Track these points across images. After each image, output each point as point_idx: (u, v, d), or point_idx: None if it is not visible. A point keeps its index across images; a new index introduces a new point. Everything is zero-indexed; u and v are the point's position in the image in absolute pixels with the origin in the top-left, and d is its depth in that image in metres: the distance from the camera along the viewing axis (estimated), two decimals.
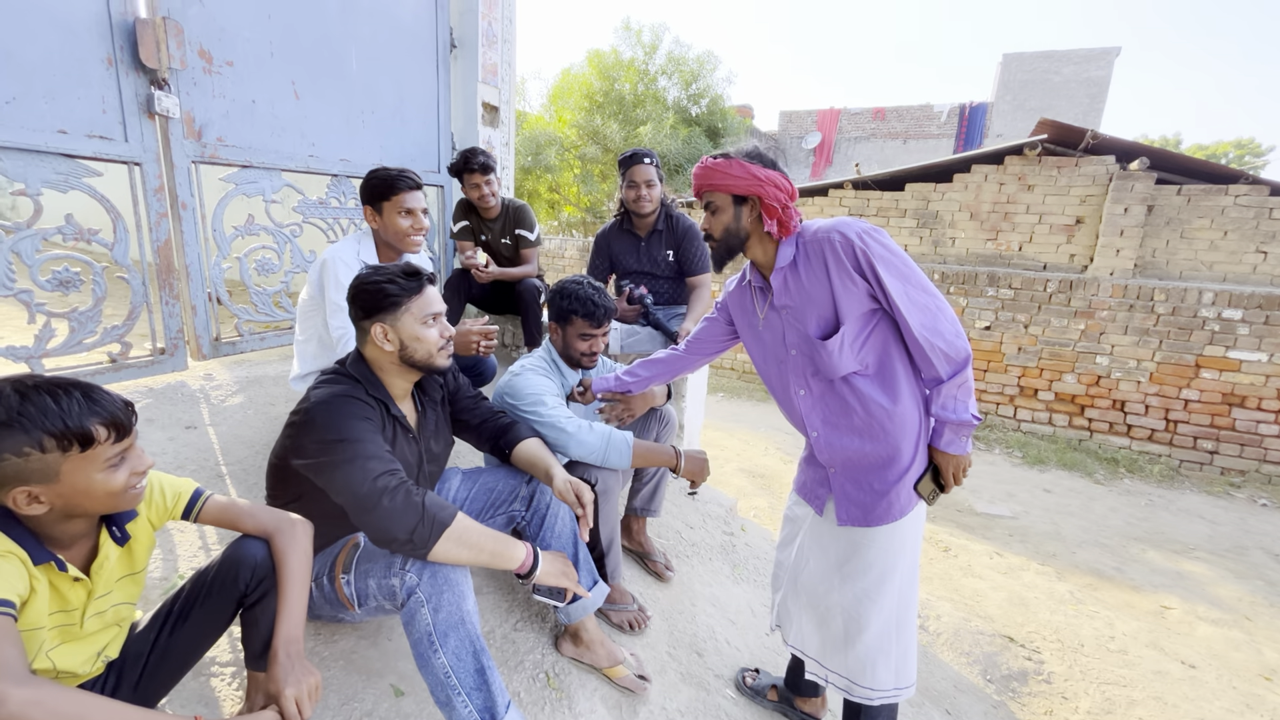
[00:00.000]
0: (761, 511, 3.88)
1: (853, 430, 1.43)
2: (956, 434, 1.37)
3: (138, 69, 2.04)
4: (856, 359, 1.40)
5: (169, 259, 2.23)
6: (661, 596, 2.10)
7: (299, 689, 1.01)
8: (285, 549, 1.15)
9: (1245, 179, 5.52)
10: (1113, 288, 5.58)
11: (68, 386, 0.91)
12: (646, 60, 10.36)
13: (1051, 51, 17.18)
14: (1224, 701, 2.43)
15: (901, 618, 1.51)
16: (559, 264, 9.15)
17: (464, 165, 2.71)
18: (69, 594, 0.98)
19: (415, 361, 1.36)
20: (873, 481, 1.44)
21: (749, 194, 1.40)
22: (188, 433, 2.10)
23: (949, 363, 1.33)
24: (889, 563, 1.47)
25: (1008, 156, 6.29)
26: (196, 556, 1.65)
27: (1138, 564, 3.74)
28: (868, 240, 1.32)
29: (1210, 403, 5.32)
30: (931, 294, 1.34)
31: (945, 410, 1.36)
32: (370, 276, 1.34)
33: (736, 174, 1.39)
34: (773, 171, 1.40)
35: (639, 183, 2.50)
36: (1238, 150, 23.98)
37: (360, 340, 1.37)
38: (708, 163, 1.42)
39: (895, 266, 1.32)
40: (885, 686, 1.51)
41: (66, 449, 0.89)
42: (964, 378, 1.34)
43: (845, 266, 1.34)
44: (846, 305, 1.36)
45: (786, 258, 1.43)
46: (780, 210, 1.40)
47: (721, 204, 1.44)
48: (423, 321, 1.35)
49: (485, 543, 1.26)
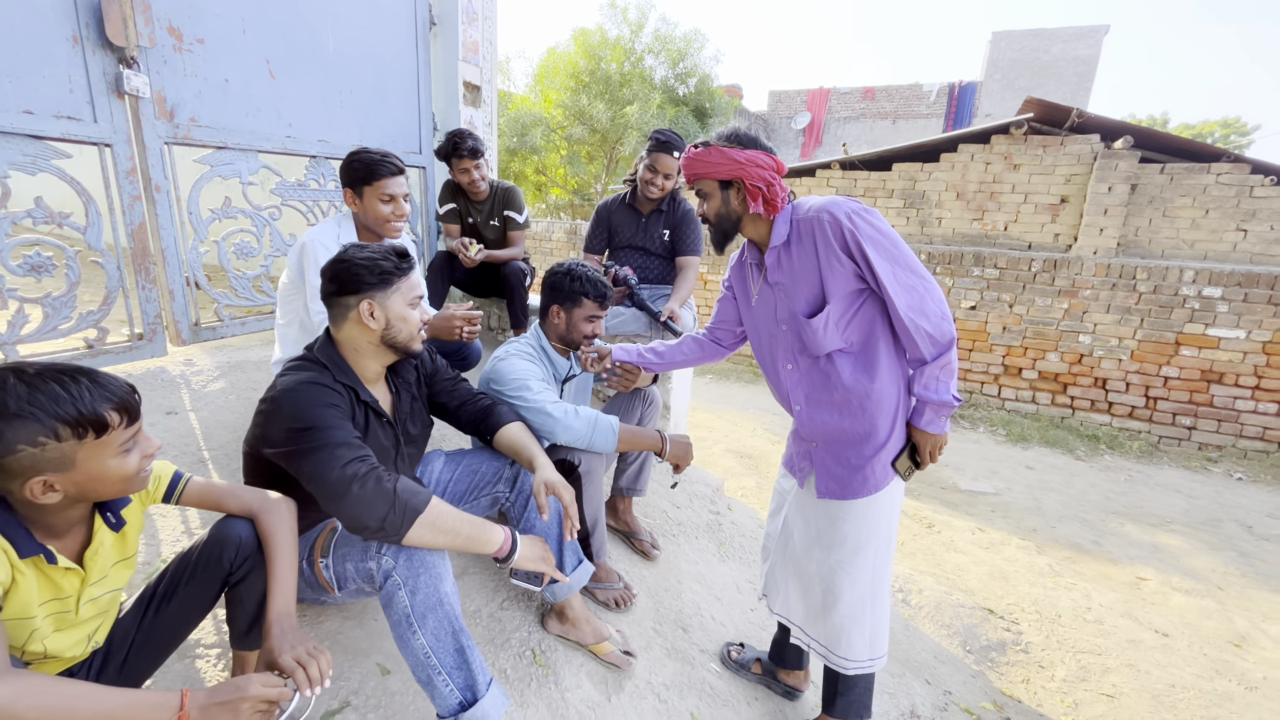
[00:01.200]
0: (748, 491, 3.92)
1: (832, 406, 1.46)
2: (936, 414, 1.39)
3: (105, 46, 1.99)
4: (841, 337, 1.42)
5: (144, 243, 2.20)
6: (648, 575, 2.13)
7: (297, 651, 1.01)
8: (272, 526, 1.16)
9: (1227, 157, 5.55)
10: (1096, 266, 5.63)
11: (73, 373, 0.90)
12: (633, 38, 10.20)
13: (1041, 29, 17.10)
14: (1194, 668, 2.51)
15: (875, 590, 1.54)
16: (546, 246, 9.08)
17: (452, 149, 2.67)
18: (62, 582, 0.98)
19: (396, 342, 1.35)
20: (850, 456, 1.47)
21: (732, 178, 1.43)
22: (168, 418, 2.09)
23: (933, 344, 1.35)
24: (863, 536, 1.51)
25: (994, 136, 6.28)
26: (180, 540, 1.65)
27: (1115, 537, 3.82)
28: (856, 220, 1.33)
29: (1189, 380, 5.41)
30: (920, 275, 1.35)
31: (927, 390, 1.39)
32: (361, 252, 1.31)
33: (716, 160, 1.42)
34: (752, 151, 1.41)
35: (659, 171, 2.54)
36: (1224, 129, 24.11)
37: (336, 320, 1.34)
38: (690, 153, 1.46)
39: (884, 247, 1.33)
40: (860, 657, 1.55)
41: (82, 436, 0.89)
42: (947, 359, 1.36)
43: (833, 246, 1.35)
44: (833, 284, 1.38)
45: (781, 236, 1.45)
46: (765, 189, 1.42)
47: (709, 190, 1.47)
48: (410, 303, 1.35)
49: (461, 527, 1.26)
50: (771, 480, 4.14)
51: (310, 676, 0.99)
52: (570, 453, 1.72)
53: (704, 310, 7.69)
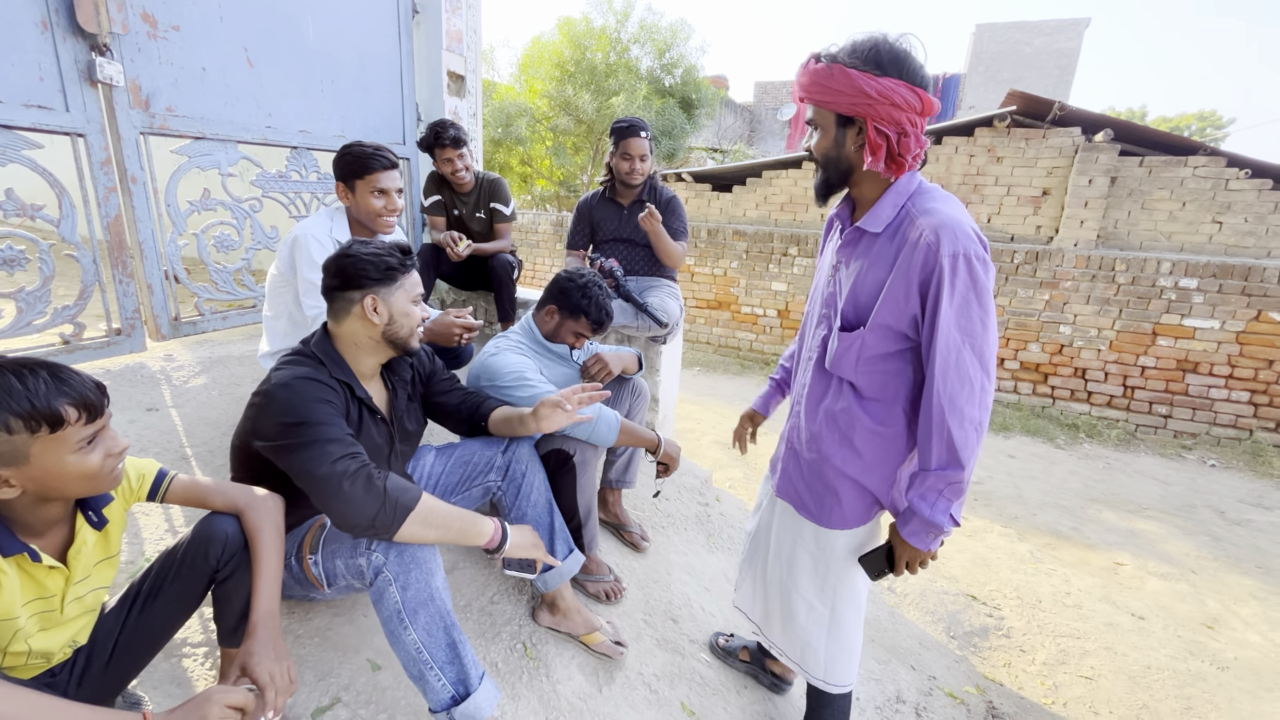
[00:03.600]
0: (736, 482, 3.95)
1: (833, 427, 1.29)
2: (925, 530, 1.18)
3: (76, 33, 1.93)
4: (855, 371, 1.22)
5: (120, 236, 2.15)
6: (638, 567, 2.14)
7: (275, 668, 1.02)
8: (258, 523, 1.15)
9: (1204, 150, 5.65)
10: (1076, 258, 5.71)
11: (34, 366, 0.89)
12: (619, 28, 10.12)
13: (1023, 22, 17.24)
14: (1169, 649, 2.58)
15: (835, 625, 1.44)
16: (532, 239, 9.02)
17: (434, 140, 2.64)
18: (46, 581, 0.97)
19: (398, 338, 1.35)
20: (827, 475, 1.33)
21: (854, 114, 1.09)
22: (149, 415, 2.05)
23: (949, 452, 1.11)
24: (823, 568, 1.40)
25: (978, 128, 6.33)
26: (163, 539, 1.63)
27: (1094, 524, 3.91)
28: (960, 266, 1.05)
29: (1166, 369, 5.53)
30: (986, 371, 1.10)
31: (922, 502, 1.15)
32: (366, 248, 1.31)
33: (838, 86, 1.07)
34: (891, 81, 1.05)
35: (634, 155, 2.52)
36: (1200, 122, 24.52)
37: (336, 315, 1.33)
38: (809, 67, 1.11)
39: (967, 314, 1.07)
40: (815, 674, 1.50)
41: (35, 430, 0.87)
42: (956, 478, 1.12)
43: (914, 273, 1.09)
44: (884, 312, 1.14)
45: (881, 220, 1.15)
46: (893, 140, 1.07)
47: (823, 122, 1.15)
48: (412, 299, 1.37)
49: (451, 521, 1.26)
50: (760, 470, 4.17)
51: (271, 701, 0.99)
52: (565, 443, 1.72)
53: (690, 304, 7.69)
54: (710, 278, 7.58)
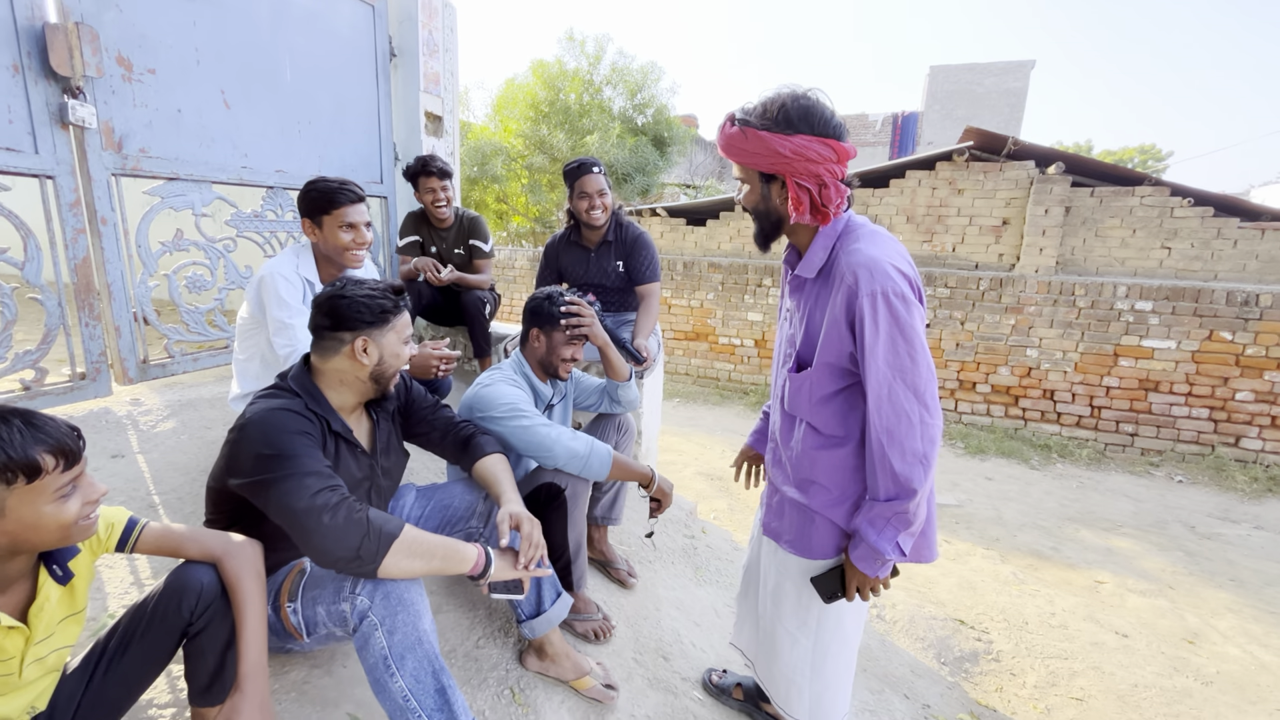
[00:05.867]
0: (721, 513, 3.92)
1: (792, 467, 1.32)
2: (871, 556, 1.18)
3: (48, 76, 1.92)
4: (810, 411, 1.23)
5: (88, 278, 2.09)
6: (626, 603, 2.10)
7: None
8: (238, 572, 1.10)
9: (1149, 181, 5.98)
10: (1038, 284, 5.93)
11: (6, 415, 0.85)
12: (591, 70, 10.39)
13: (974, 64, 18.22)
14: (1154, 666, 2.60)
15: (817, 664, 1.41)
16: (509, 274, 9.04)
17: (421, 169, 2.70)
18: (4, 642, 0.91)
19: (384, 378, 1.34)
20: (801, 509, 1.33)
21: (774, 173, 1.12)
22: (114, 462, 1.97)
23: (894, 484, 1.11)
24: (805, 602, 1.37)
25: (938, 162, 6.61)
26: (128, 592, 1.55)
27: (1072, 543, 3.96)
28: (880, 305, 1.07)
29: (1129, 388, 5.71)
30: (922, 402, 1.08)
31: (870, 528, 1.16)
32: (358, 289, 1.29)
33: (754, 149, 1.10)
34: (803, 139, 1.07)
35: (590, 193, 2.44)
36: (1142, 156, 25.92)
37: (324, 353, 1.30)
38: (725, 130, 1.15)
39: (893, 348, 1.07)
40: (799, 717, 1.46)
41: (11, 481, 0.83)
42: (902, 509, 1.12)
43: (840, 312, 1.12)
44: (825, 352, 1.17)
45: (814, 264, 1.18)
46: (815, 193, 1.10)
47: (748, 178, 1.18)
48: (404, 341, 1.35)
49: (436, 550, 1.22)
50: (744, 501, 4.15)
51: None
52: (556, 476, 1.69)
53: (668, 336, 7.75)
54: (687, 309, 7.66)
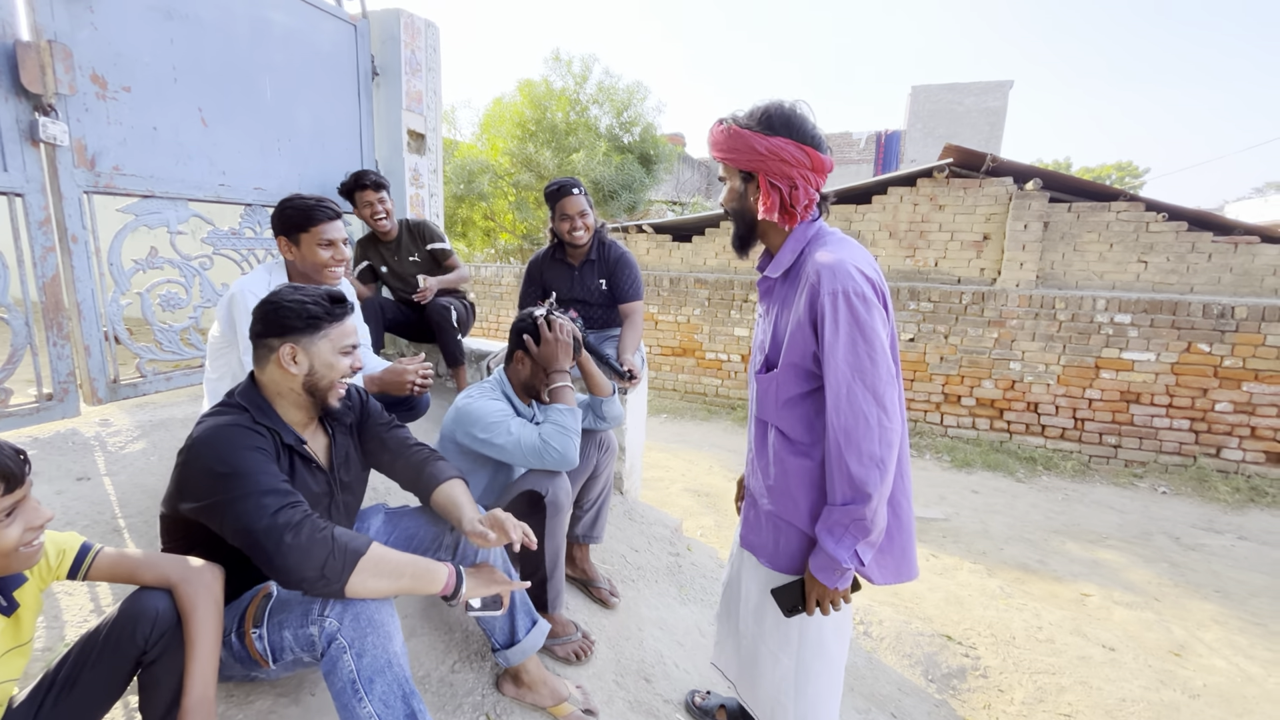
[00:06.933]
0: (708, 530, 3.89)
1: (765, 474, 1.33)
2: (830, 566, 1.16)
3: (19, 94, 1.90)
4: (777, 414, 1.25)
5: (57, 296, 2.06)
6: (607, 623, 2.06)
7: None
8: (192, 598, 1.06)
9: (1124, 196, 6.10)
10: (1019, 298, 6.00)
11: None
12: (577, 90, 10.50)
13: (954, 84, 18.63)
14: (1141, 680, 2.59)
15: (800, 685, 1.39)
16: (495, 291, 9.02)
17: (355, 184, 2.70)
18: None
19: (318, 389, 1.27)
20: (775, 520, 1.32)
21: (751, 170, 1.18)
22: (79, 485, 1.91)
23: (850, 488, 1.11)
24: (785, 624, 1.35)
25: (920, 179, 6.71)
26: (88, 620, 1.49)
27: (1058, 555, 3.97)
28: (840, 304, 1.09)
29: (1110, 400, 5.77)
30: (880, 405, 1.09)
31: (828, 536, 1.15)
32: (291, 294, 1.25)
33: (735, 146, 1.17)
34: (779, 141, 1.13)
35: (572, 214, 2.45)
36: (1119, 172, 26.52)
37: (259, 362, 1.26)
38: (714, 129, 1.22)
39: (853, 349, 1.09)
40: None
41: None
42: (859, 514, 1.11)
43: (804, 313, 1.15)
44: (790, 352, 1.19)
45: (781, 265, 1.22)
46: (785, 193, 1.15)
47: (730, 176, 1.25)
48: (340, 350, 1.29)
49: (405, 568, 1.18)
50: (732, 519, 4.12)
51: None
52: (537, 481, 1.68)
53: (654, 352, 7.75)
54: (674, 325, 7.67)
